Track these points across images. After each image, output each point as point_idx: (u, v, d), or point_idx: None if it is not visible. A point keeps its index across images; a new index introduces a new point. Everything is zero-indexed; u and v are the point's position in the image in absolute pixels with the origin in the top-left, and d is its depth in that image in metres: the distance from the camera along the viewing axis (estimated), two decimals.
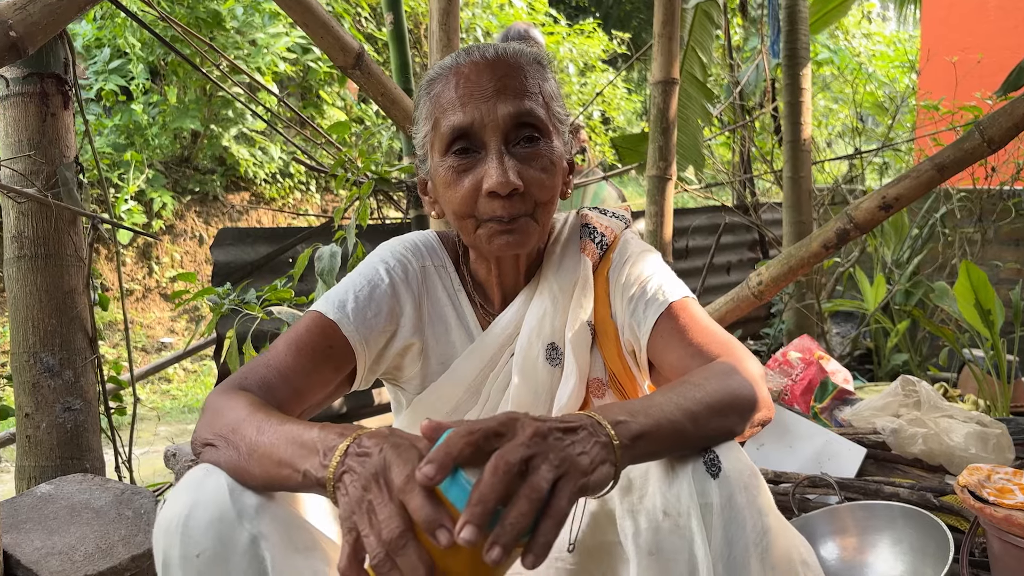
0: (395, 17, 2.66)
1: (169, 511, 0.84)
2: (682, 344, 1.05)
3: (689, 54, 3.57)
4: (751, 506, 0.84)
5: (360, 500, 0.74)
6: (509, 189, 1.02)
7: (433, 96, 1.09)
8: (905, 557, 1.65)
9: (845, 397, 2.48)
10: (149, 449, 3.61)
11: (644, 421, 0.81)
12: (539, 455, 0.74)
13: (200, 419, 0.95)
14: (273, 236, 2.66)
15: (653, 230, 2.62)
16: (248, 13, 6.00)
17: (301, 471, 0.80)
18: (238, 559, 0.81)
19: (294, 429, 0.84)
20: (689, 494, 0.84)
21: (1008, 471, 1.55)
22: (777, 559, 0.85)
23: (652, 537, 0.86)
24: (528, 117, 1.04)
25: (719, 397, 0.89)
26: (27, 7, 1.32)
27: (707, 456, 0.85)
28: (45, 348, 1.86)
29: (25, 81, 1.82)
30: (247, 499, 0.84)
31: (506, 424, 0.76)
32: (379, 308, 1.12)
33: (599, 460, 0.77)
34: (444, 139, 1.06)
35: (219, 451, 0.88)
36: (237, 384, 0.98)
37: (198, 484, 0.85)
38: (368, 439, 0.78)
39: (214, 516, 0.82)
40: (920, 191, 2.22)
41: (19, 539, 1.46)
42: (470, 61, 1.06)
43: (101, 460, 1.97)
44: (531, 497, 0.71)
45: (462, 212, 1.07)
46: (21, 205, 1.82)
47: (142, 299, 5.77)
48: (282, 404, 0.99)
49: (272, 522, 0.84)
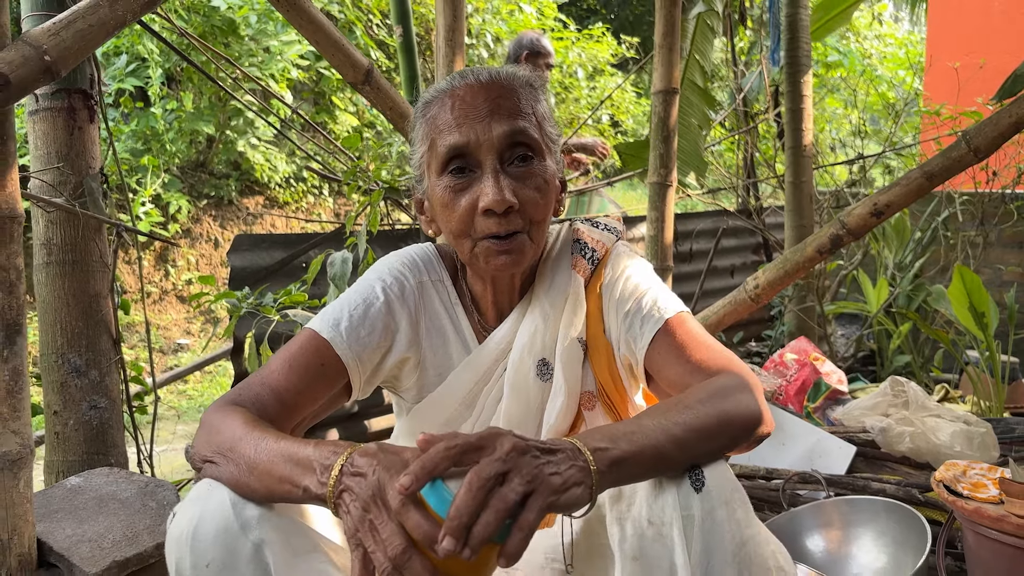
0: (404, 30, 2.76)
1: (178, 525, 0.91)
2: (680, 361, 1.08)
3: (691, 62, 3.65)
4: (730, 519, 0.89)
5: (362, 520, 0.81)
6: (505, 207, 1.05)
7: (429, 118, 1.12)
8: (887, 549, 1.73)
9: (838, 397, 2.55)
10: (168, 447, 3.72)
11: (625, 447, 0.86)
12: (513, 470, 0.80)
13: (198, 434, 1.01)
14: (287, 242, 2.76)
15: (654, 235, 2.70)
16: (262, 21, 6.11)
17: (301, 487, 0.87)
18: (244, 566, 0.88)
19: (289, 447, 0.90)
20: (673, 506, 0.89)
21: (984, 467, 1.63)
22: (753, 567, 0.90)
23: (637, 543, 0.91)
24: (522, 136, 1.08)
25: (710, 421, 0.92)
26: (60, 33, 1.41)
27: (693, 472, 0.91)
28: (72, 349, 1.95)
29: (54, 97, 1.91)
30: (249, 511, 0.90)
31: (487, 439, 0.82)
32: (373, 326, 1.15)
33: (572, 482, 0.82)
34: (440, 159, 1.10)
35: (219, 467, 0.94)
36: (232, 401, 1.03)
37: (203, 498, 0.92)
38: (360, 457, 0.85)
39: (220, 528, 0.89)
40: (910, 198, 2.29)
41: (51, 527, 1.56)
42: (465, 84, 1.10)
43: (125, 456, 2.06)
44: (498, 508, 0.78)
45: (459, 231, 1.10)
46: (50, 214, 1.92)
47: (159, 301, 5.89)
48: (275, 420, 1.04)
49: (273, 530, 0.90)
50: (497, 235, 1.08)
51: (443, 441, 0.82)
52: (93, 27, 1.45)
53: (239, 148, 6.23)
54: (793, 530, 1.81)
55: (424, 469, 0.80)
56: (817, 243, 2.44)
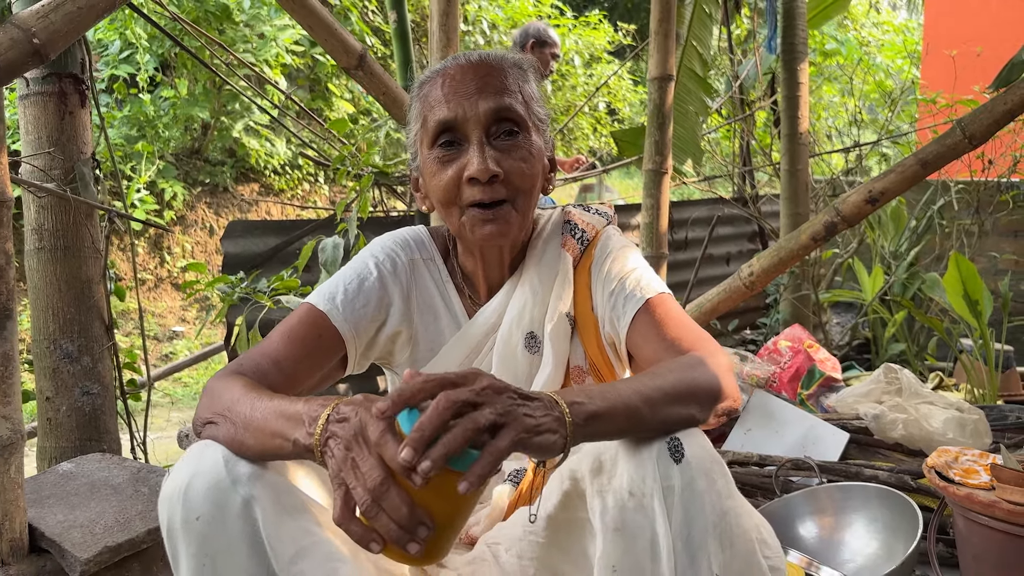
0: (398, 16, 2.74)
1: (171, 482, 0.93)
2: (657, 338, 1.12)
3: (688, 49, 3.63)
4: (710, 490, 0.90)
5: (345, 459, 0.84)
6: (488, 175, 1.11)
7: (422, 96, 1.19)
8: (879, 535, 1.73)
9: (832, 384, 2.56)
10: (162, 434, 3.72)
11: (599, 403, 0.89)
12: (487, 404, 0.83)
13: (200, 401, 1.04)
14: (281, 228, 2.75)
15: (649, 222, 2.69)
16: (255, 5, 6.08)
17: (291, 440, 0.90)
18: (233, 520, 0.90)
19: (281, 404, 0.94)
20: (653, 477, 0.90)
21: (975, 453, 1.63)
22: (735, 538, 0.91)
23: (618, 515, 0.92)
24: (508, 112, 1.14)
25: (678, 386, 0.96)
26: (49, 15, 1.40)
27: (672, 443, 0.92)
28: (64, 335, 1.95)
29: (44, 81, 1.90)
30: (241, 467, 0.92)
31: (465, 376, 0.85)
32: (368, 299, 1.20)
33: (546, 428, 0.84)
34: (430, 133, 1.16)
35: (218, 427, 0.97)
36: (234, 370, 1.07)
37: (197, 457, 0.94)
38: (345, 406, 0.88)
39: (211, 483, 0.91)
40: (905, 185, 2.29)
41: (43, 513, 1.56)
42: (456, 64, 1.17)
43: (118, 442, 2.06)
44: (466, 427, 0.81)
45: (447, 200, 1.16)
46: (41, 199, 1.91)
47: (154, 288, 5.88)
48: (275, 387, 1.07)
49: (264, 487, 0.92)
50: (482, 202, 1.13)
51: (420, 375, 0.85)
52: (82, 9, 1.43)
53: (234, 134, 6.21)
54: (786, 516, 1.82)
55: (401, 396, 0.83)
56: (812, 230, 2.44)
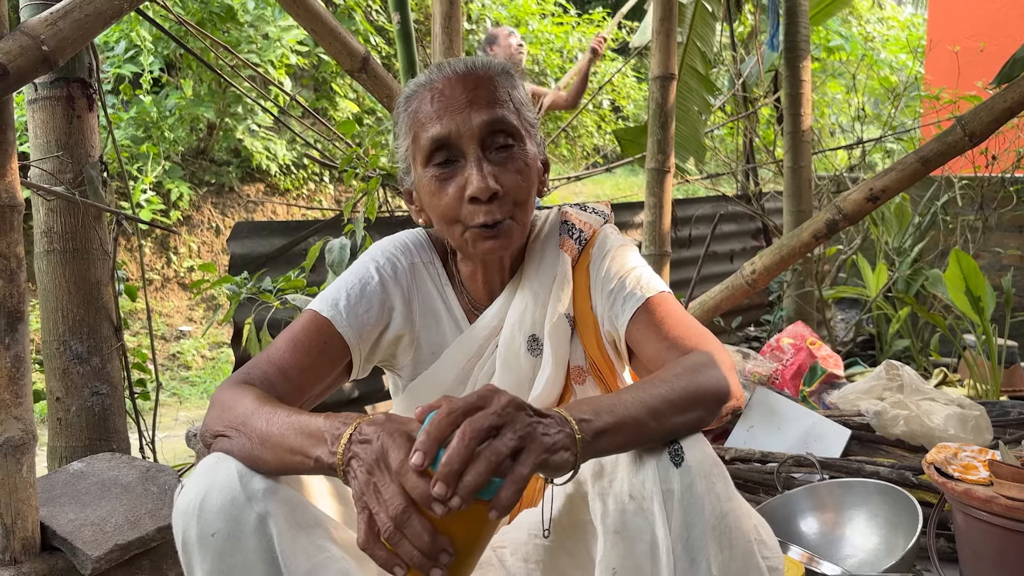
0: (402, 17, 2.75)
1: (186, 496, 0.93)
2: (658, 337, 1.12)
3: (690, 48, 3.64)
4: (710, 493, 0.91)
5: (367, 483, 0.85)
6: (489, 194, 1.10)
7: (411, 112, 1.16)
8: (880, 531, 1.75)
9: (834, 381, 2.57)
10: (170, 433, 3.75)
11: (607, 419, 0.89)
12: (507, 425, 0.83)
13: (209, 412, 1.03)
14: (287, 229, 2.78)
15: (652, 221, 2.71)
16: (259, 7, 6.10)
17: (313, 457, 0.90)
18: (248, 536, 0.91)
19: (300, 419, 0.93)
20: (653, 480, 0.91)
21: (974, 449, 1.65)
22: (734, 540, 0.92)
23: (619, 517, 0.94)
24: (501, 124, 1.12)
25: (684, 395, 0.96)
26: (58, 23, 1.42)
27: (672, 447, 0.93)
28: (74, 336, 1.97)
29: (52, 86, 1.92)
30: (255, 483, 0.92)
31: (484, 397, 0.85)
32: (370, 304, 1.20)
33: (561, 445, 0.85)
34: (425, 151, 1.14)
35: (232, 441, 0.97)
36: (242, 380, 1.07)
37: (211, 470, 0.94)
38: (367, 426, 0.88)
39: (226, 499, 0.91)
40: (906, 183, 2.30)
41: (54, 512, 1.58)
42: (443, 76, 1.14)
43: (127, 441, 2.09)
44: (489, 459, 0.81)
45: (448, 218, 1.15)
46: (50, 202, 1.94)
47: (161, 288, 5.92)
48: (283, 397, 1.07)
49: (278, 503, 0.92)
50: (486, 224, 1.12)
51: (443, 407, 0.85)
52: (90, 16, 1.46)
53: (238, 135, 6.23)
54: (787, 512, 1.84)
55: (431, 438, 0.83)
56: (813, 228, 2.45)
